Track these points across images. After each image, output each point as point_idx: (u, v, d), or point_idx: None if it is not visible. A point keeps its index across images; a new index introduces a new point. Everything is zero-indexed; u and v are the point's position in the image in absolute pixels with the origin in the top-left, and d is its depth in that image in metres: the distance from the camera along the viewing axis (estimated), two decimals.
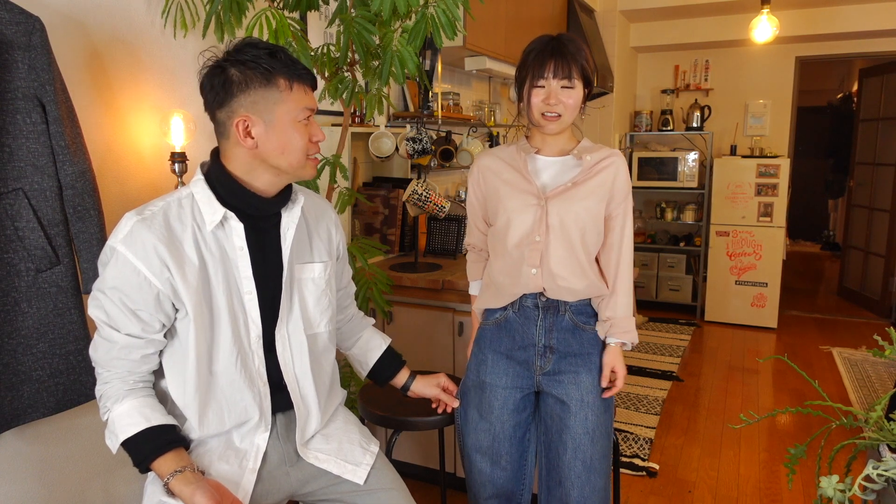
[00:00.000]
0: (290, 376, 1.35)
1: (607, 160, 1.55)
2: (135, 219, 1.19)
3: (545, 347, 1.58)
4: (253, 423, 1.31)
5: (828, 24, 4.62)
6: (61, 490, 1.70)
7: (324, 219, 1.45)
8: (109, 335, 1.21)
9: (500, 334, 1.62)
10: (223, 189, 1.25)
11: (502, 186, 1.57)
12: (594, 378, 1.58)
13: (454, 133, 3.09)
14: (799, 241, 8.57)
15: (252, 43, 1.22)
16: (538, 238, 1.52)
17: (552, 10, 3.84)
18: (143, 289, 1.18)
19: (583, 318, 1.58)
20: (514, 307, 1.59)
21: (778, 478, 2.73)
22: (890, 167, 5.08)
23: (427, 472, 2.58)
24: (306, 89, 1.25)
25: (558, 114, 1.48)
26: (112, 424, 1.21)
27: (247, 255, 1.27)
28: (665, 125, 5.24)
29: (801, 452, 1.15)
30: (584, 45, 1.51)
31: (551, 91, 1.47)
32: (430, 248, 2.86)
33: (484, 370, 1.64)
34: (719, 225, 4.97)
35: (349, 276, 1.61)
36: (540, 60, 1.48)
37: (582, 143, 1.59)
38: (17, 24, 1.39)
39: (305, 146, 1.25)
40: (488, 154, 1.65)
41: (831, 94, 8.06)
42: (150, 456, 1.19)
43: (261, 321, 1.29)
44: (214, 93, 1.21)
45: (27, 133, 1.44)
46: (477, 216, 1.69)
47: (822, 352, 4.37)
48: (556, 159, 1.58)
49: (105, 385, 1.23)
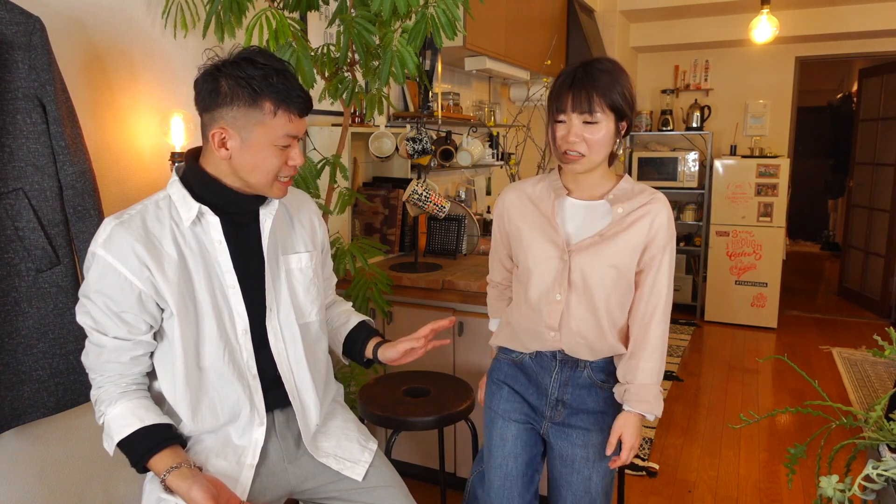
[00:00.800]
0: (285, 368, 1.36)
1: (644, 208, 1.36)
2: (113, 223, 1.21)
3: (557, 401, 1.47)
4: (245, 417, 1.31)
5: (828, 24, 4.62)
6: (61, 490, 1.70)
7: (305, 209, 1.46)
8: (98, 340, 1.22)
9: (515, 372, 1.53)
10: (199, 187, 1.26)
11: (526, 230, 1.43)
12: (604, 438, 1.44)
13: (454, 133, 3.09)
14: (799, 241, 8.57)
15: (251, 59, 1.19)
16: (559, 297, 1.38)
17: (552, 11, 3.84)
18: (125, 290, 1.19)
19: (602, 375, 1.45)
20: (531, 354, 1.50)
21: (778, 478, 2.73)
22: (890, 167, 5.08)
23: (427, 471, 2.58)
24: (292, 116, 1.22)
25: (580, 153, 1.31)
26: (108, 427, 1.22)
27: (226, 249, 1.27)
28: (665, 125, 5.24)
29: (801, 452, 1.15)
30: (618, 72, 1.32)
31: (572, 127, 1.31)
32: (430, 248, 2.86)
33: (497, 402, 1.53)
34: (719, 225, 4.97)
35: (331, 268, 1.60)
36: (560, 91, 1.32)
37: (620, 184, 1.40)
38: (18, 24, 1.39)
39: (277, 169, 1.24)
40: (516, 188, 1.49)
41: (831, 94, 8.06)
42: (146, 455, 1.19)
43: (247, 314, 1.29)
44: (202, 96, 1.22)
45: (27, 133, 1.44)
46: (501, 252, 1.56)
47: (822, 352, 4.37)
48: (586, 203, 1.40)
49: (99, 390, 1.24)
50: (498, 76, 3.72)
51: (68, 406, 1.57)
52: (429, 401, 1.88)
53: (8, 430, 1.49)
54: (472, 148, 2.99)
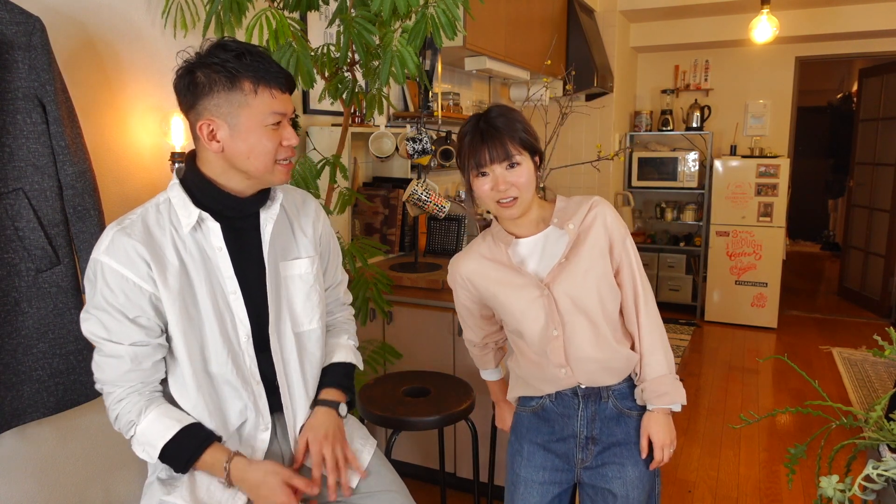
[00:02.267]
0: (281, 375, 1.35)
1: (590, 214, 1.39)
2: (115, 229, 1.20)
3: (587, 439, 1.43)
4: (251, 422, 1.31)
5: (828, 24, 4.62)
6: (61, 490, 1.69)
7: (306, 213, 1.42)
8: (113, 350, 1.19)
9: (537, 424, 1.47)
10: (198, 191, 1.24)
11: (500, 289, 1.40)
12: (640, 470, 1.42)
13: (454, 133, 3.09)
14: (799, 241, 8.57)
15: (222, 45, 1.19)
16: (555, 332, 1.36)
17: (552, 10, 3.84)
18: (135, 294, 1.18)
19: (627, 402, 1.43)
20: (550, 396, 1.44)
21: (778, 478, 2.73)
22: (890, 167, 5.08)
23: (427, 472, 2.58)
24: (274, 92, 1.20)
25: (513, 197, 1.33)
26: (143, 436, 1.20)
27: (226, 255, 1.26)
28: (665, 125, 5.24)
29: (801, 452, 1.15)
30: (515, 114, 1.36)
31: (497, 178, 1.32)
32: (430, 248, 2.86)
33: (519, 463, 1.49)
34: (719, 225, 4.97)
35: (340, 279, 1.54)
36: (473, 148, 1.32)
37: (557, 204, 1.42)
38: (18, 24, 1.39)
39: (274, 150, 1.22)
40: (465, 257, 1.46)
41: (831, 94, 8.06)
42: (196, 452, 1.21)
43: (248, 320, 1.29)
44: (182, 95, 1.20)
45: (27, 133, 1.44)
46: (473, 317, 1.54)
47: (822, 352, 4.37)
48: (537, 237, 1.41)
49: (120, 403, 1.22)
50: (498, 76, 3.72)
51: (68, 406, 1.57)
52: (429, 401, 1.88)
53: (8, 430, 1.49)
54: None
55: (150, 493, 1.27)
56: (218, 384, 1.27)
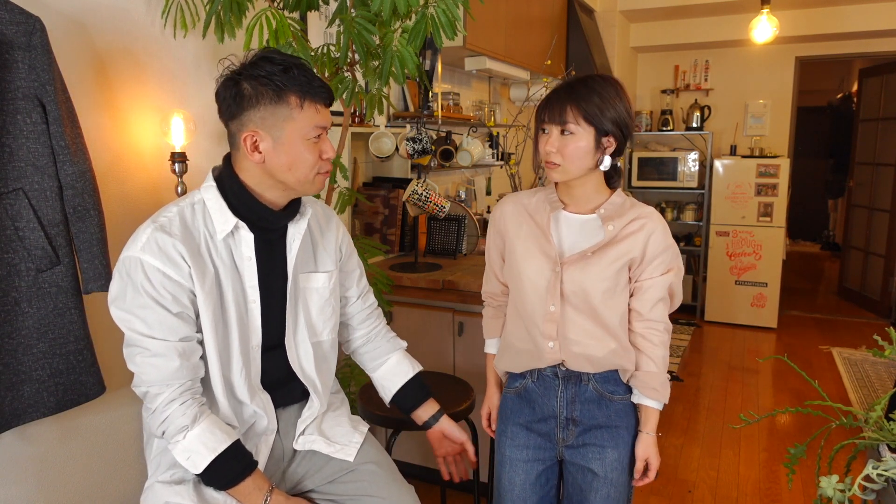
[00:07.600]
0: (305, 377, 1.40)
1: (636, 223, 1.38)
2: (151, 227, 1.19)
3: (567, 420, 1.45)
4: (262, 426, 1.35)
5: (828, 24, 4.62)
6: (61, 490, 1.69)
7: (330, 229, 1.46)
8: (160, 348, 1.17)
9: (520, 405, 1.51)
10: (235, 199, 1.25)
11: (520, 241, 1.43)
12: (620, 454, 1.44)
13: (454, 133, 3.09)
14: (799, 241, 8.57)
15: (268, 57, 1.20)
16: (553, 308, 1.39)
17: (552, 11, 3.84)
18: (178, 291, 1.18)
19: (609, 386, 1.43)
20: (532, 376, 1.48)
21: (778, 478, 2.73)
22: (890, 167, 5.08)
23: (427, 471, 2.58)
24: (318, 107, 1.22)
25: (556, 163, 1.34)
26: (192, 443, 1.19)
27: (254, 265, 1.27)
28: (665, 125, 5.24)
29: (801, 452, 1.15)
30: (606, 87, 1.32)
31: (550, 137, 1.34)
32: (430, 248, 2.86)
33: (504, 443, 1.53)
34: (719, 225, 4.97)
35: (363, 287, 1.57)
36: (544, 103, 1.35)
37: (612, 198, 1.41)
38: (18, 24, 1.39)
39: (314, 163, 1.24)
40: (513, 199, 1.50)
41: (831, 94, 8.06)
42: (240, 475, 1.21)
43: (261, 330, 1.30)
44: (226, 104, 1.21)
45: (27, 133, 1.44)
46: (496, 263, 1.55)
47: (822, 352, 4.37)
48: (581, 218, 1.41)
49: (172, 405, 1.19)
50: (498, 76, 3.72)
51: (68, 406, 1.57)
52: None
53: (8, 430, 1.49)
54: (472, 148, 2.99)
55: (152, 494, 1.28)
56: (237, 389, 1.29)
